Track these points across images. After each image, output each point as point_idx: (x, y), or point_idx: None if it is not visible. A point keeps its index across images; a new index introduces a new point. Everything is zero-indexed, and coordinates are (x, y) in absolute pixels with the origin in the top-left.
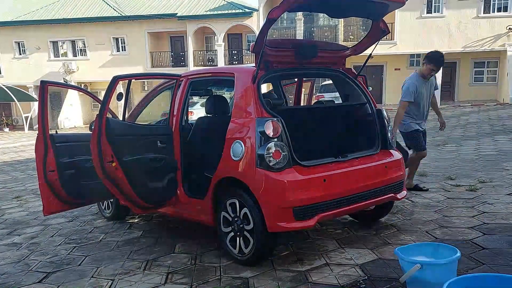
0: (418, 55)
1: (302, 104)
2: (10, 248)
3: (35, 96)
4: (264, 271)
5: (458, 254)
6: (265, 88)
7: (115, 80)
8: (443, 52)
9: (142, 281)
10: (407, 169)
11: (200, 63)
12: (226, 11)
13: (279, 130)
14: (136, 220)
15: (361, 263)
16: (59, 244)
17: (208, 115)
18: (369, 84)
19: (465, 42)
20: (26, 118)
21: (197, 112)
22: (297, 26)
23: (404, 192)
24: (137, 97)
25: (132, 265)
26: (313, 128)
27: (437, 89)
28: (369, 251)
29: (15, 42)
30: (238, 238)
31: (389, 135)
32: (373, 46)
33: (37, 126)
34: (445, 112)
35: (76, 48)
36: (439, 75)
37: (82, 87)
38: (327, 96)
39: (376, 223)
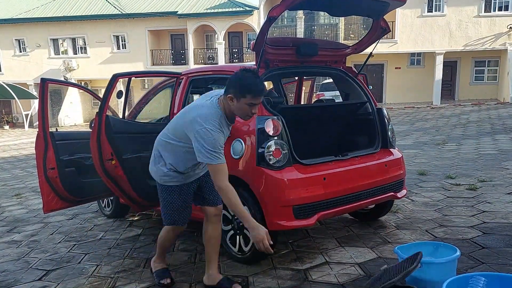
0: (419, 54)
1: (302, 102)
2: (10, 245)
3: (35, 94)
4: (264, 269)
5: (458, 253)
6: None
7: (115, 78)
8: (444, 51)
9: (142, 279)
10: None
11: (200, 61)
12: (227, 9)
13: (279, 128)
14: (136, 218)
15: (361, 262)
16: (59, 242)
17: None
18: (370, 83)
19: (465, 41)
20: (26, 115)
21: None
22: (298, 24)
23: (404, 191)
24: (137, 95)
25: (132, 263)
26: (313, 126)
27: None
28: (369, 249)
29: (15, 39)
30: (238, 237)
31: (389, 134)
32: (374, 44)
33: (37, 123)
34: (445, 111)
35: (77, 46)
36: (439, 74)
37: (82, 84)
38: (328, 95)
39: (376, 222)
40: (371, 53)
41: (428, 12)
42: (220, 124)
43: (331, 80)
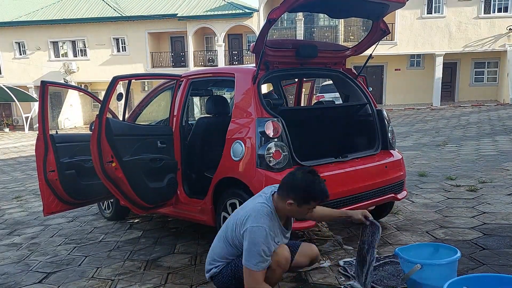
0: (419, 56)
1: (302, 104)
2: (10, 248)
3: (35, 96)
4: None
5: (458, 254)
6: (265, 88)
7: (115, 80)
8: (444, 52)
9: (142, 281)
10: None
11: (200, 63)
12: (226, 12)
13: (279, 130)
14: (136, 221)
15: None
16: (59, 244)
17: (208, 115)
18: (369, 85)
19: (465, 42)
20: (26, 118)
21: None
22: (297, 26)
23: (405, 193)
24: (137, 97)
25: (132, 265)
26: (313, 128)
27: None
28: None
29: (16, 42)
30: None
31: (390, 135)
32: (374, 46)
33: (37, 126)
34: (445, 113)
35: (77, 48)
36: (439, 76)
37: (82, 87)
38: (327, 97)
39: None
40: (370, 54)
41: (427, 13)
42: (271, 223)
43: (331, 81)
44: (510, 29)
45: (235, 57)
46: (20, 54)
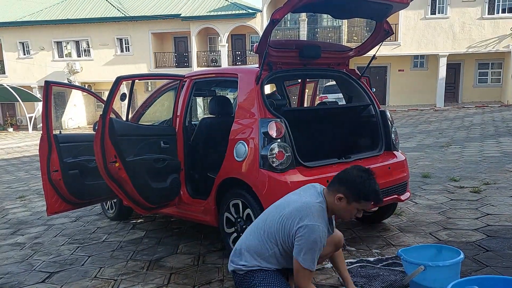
0: (422, 56)
1: (305, 105)
2: (14, 247)
3: (39, 96)
4: None
5: (462, 256)
6: (268, 89)
7: (119, 80)
8: (447, 53)
9: (145, 281)
10: None
11: (203, 63)
12: (230, 12)
13: (282, 131)
14: (139, 221)
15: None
16: (62, 244)
17: (212, 115)
18: (373, 85)
19: (469, 43)
20: (30, 118)
21: None
22: (301, 27)
23: (408, 194)
24: (140, 98)
25: (135, 265)
26: (316, 129)
27: None
28: (372, 252)
29: (19, 42)
30: None
31: (393, 136)
32: (377, 47)
33: (41, 126)
34: (448, 114)
35: (80, 49)
36: (442, 77)
37: (86, 87)
38: (331, 97)
39: (379, 225)
40: (374, 55)
41: (431, 14)
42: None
43: (334, 82)
44: None
45: (238, 58)
46: (24, 54)
